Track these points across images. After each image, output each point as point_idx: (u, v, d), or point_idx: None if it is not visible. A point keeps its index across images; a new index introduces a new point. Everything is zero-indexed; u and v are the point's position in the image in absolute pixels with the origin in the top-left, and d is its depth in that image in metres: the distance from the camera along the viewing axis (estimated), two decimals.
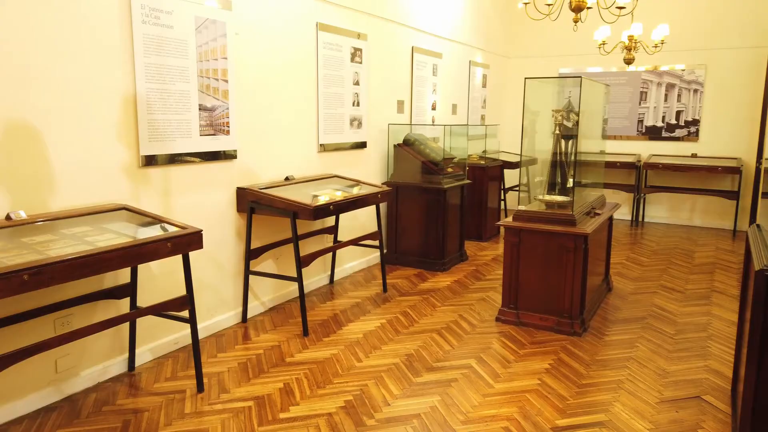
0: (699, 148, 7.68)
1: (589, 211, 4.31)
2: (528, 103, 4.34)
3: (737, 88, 7.37)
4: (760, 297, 2.19)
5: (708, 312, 4.34)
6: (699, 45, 7.50)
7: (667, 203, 7.99)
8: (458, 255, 5.82)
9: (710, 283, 5.12)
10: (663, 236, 7.14)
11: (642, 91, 7.92)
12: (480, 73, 7.93)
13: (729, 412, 2.86)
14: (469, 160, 6.68)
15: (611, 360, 3.47)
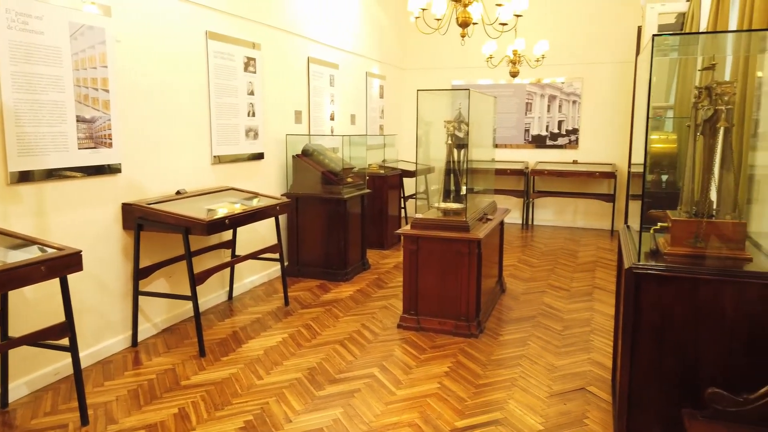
0: (579, 155, 8.29)
1: (481, 217, 4.51)
2: (421, 114, 4.47)
3: (610, 100, 8.05)
4: (630, 292, 2.39)
5: (591, 308, 4.67)
6: (576, 60, 8.12)
7: (553, 207, 8.54)
8: (361, 264, 5.86)
9: (592, 280, 5.52)
10: (550, 238, 7.62)
11: (527, 102, 8.44)
12: (377, 84, 8.06)
13: (610, 401, 3.09)
14: (369, 170, 6.76)
15: (506, 359, 3.64)
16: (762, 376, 2.18)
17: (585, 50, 8.07)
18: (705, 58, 3.30)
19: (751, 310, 2.24)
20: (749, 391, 2.09)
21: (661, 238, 2.73)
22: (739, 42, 3.17)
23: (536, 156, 8.52)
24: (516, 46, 6.57)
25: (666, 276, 2.34)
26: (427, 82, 8.89)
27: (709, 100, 2.55)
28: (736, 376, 2.27)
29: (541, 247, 7.02)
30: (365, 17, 7.53)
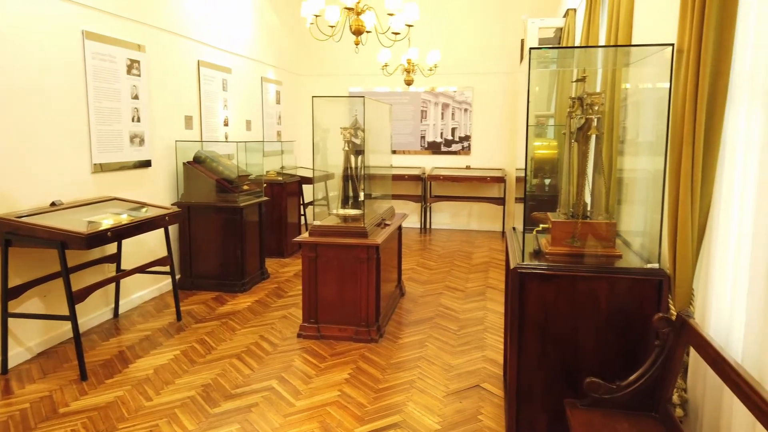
0: (472, 160, 8.65)
1: (380, 222, 4.56)
2: (318, 120, 4.45)
3: (498, 108, 8.48)
4: (516, 291, 2.51)
5: (484, 307, 4.87)
6: (467, 70, 8.47)
7: (449, 210, 8.83)
8: (259, 274, 5.71)
9: (485, 280, 5.76)
10: (447, 241, 7.87)
11: (422, 110, 8.68)
12: (273, 89, 7.93)
13: (502, 395, 3.23)
14: (267, 177, 6.62)
15: (405, 362, 3.70)
16: (633, 364, 2.37)
17: (475, 61, 8.44)
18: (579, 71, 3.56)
19: (622, 303, 2.44)
20: (622, 379, 2.27)
21: (543, 238, 2.90)
22: (607, 56, 3.45)
23: (432, 162, 8.77)
24: (410, 56, 6.73)
25: (547, 274, 2.48)
26: (324, 88, 8.88)
27: (581, 110, 2.75)
28: (611, 365, 2.45)
29: (438, 250, 7.22)
30: (258, 21, 7.38)
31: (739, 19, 1.99)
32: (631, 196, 3.21)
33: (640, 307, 2.42)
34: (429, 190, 8.59)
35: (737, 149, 2.01)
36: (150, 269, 4.24)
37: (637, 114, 3.18)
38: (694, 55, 2.09)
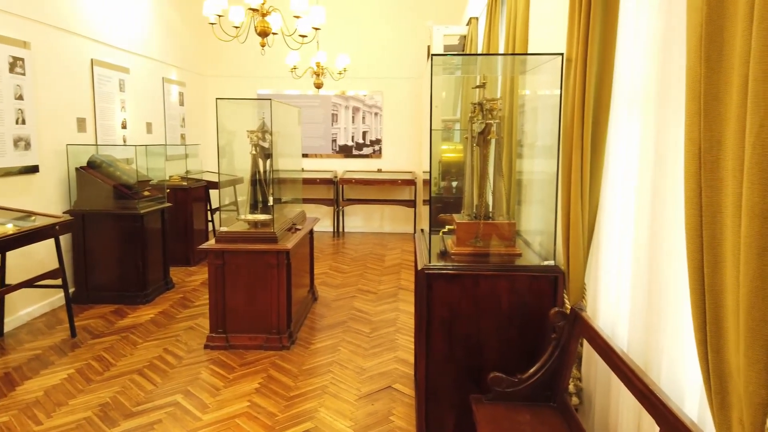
0: (383, 163, 8.75)
1: (290, 227, 4.49)
2: (223, 123, 4.31)
3: (407, 112, 8.64)
4: (423, 291, 2.56)
5: (396, 308, 4.94)
6: (376, 74, 8.56)
7: (362, 213, 8.88)
8: (163, 284, 5.45)
9: (397, 281, 5.84)
10: (360, 244, 7.90)
11: (333, 113, 8.67)
12: (176, 90, 7.61)
13: (413, 395, 3.28)
14: (170, 182, 6.34)
15: (317, 367, 3.66)
16: (533, 357, 2.49)
17: (384, 66, 8.55)
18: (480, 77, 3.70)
19: (522, 300, 2.55)
20: (523, 372, 2.37)
21: (449, 239, 2.98)
22: (506, 64, 3.61)
23: (344, 165, 8.78)
24: (319, 59, 6.70)
25: (452, 275, 2.55)
26: (231, 90, 8.64)
27: (481, 115, 2.86)
28: (513, 360, 2.56)
29: (351, 253, 7.23)
30: (158, 19, 7.06)
31: (619, 33, 2.14)
32: (530, 197, 3.37)
33: (538, 303, 2.54)
34: (341, 194, 8.59)
35: (619, 152, 2.17)
36: (39, 283, 3.93)
37: (534, 119, 3.34)
38: (581, 64, 2.22)
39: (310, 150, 8.70)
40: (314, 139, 8.71)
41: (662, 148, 1.78)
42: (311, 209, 8.06)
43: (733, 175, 1.18)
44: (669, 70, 1.74)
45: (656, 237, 1.79)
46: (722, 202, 1.23)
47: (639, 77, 1.99)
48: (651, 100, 1.87)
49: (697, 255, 1.30)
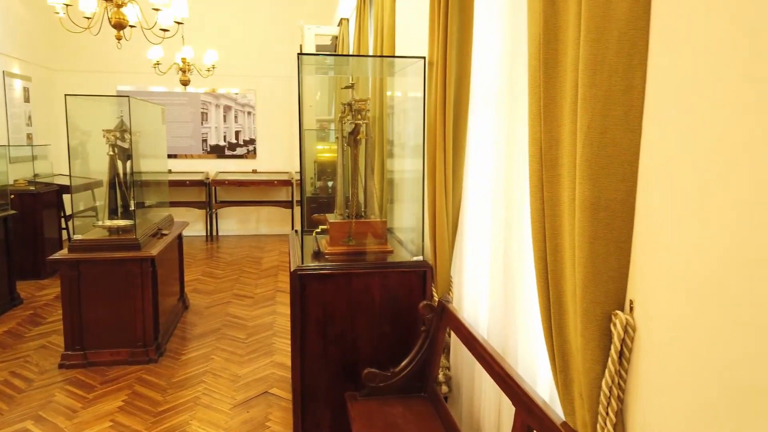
0: (258, 164, 8.54)
1: (156, 233, 4.23)
2: (75, 121, 3.96)
3: (281, 111, 8.50)
4: (296, 292, 2.53)
5: (273, 311, 4.84)
6: (248, 72, 8.33)
7: (237, 216, 8.60)
8: (9, 300, 4.88)
9: (275, 284, 5.73)
10: (235, 247, 7.65)
11: (203, 112, 8.30)
12: (19, 86, 6.85)
13: (291, 398, 3.23)
14: (15, 187, 5.69)
15: (188, 378, 3.48)
16: (406, 351, 2.55)
17: (257, 64, 8.34)
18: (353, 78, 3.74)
19: (394, 295, 2.62)
20: (396, 365, 2.43)
21: (323, 239, 2.98)
22: (375, 65, 3.68)
23: (217, 166, 8.45)
24: (184, 54, 6.38)
25: (325, 274, 2.55)
26: (87, 86, 7.94)
27: (351, 115, 2.88)
28: (387, 354, 2.61)
29: (226, 258, 6.98)
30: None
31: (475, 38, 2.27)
32: (401, 195, 3.47)
33: (409, 297, 2.62)
34: (214, 196, 8.25)
35: (478, 151, 2.29)
36: None
37: (403, 120, 3.44)
38: (441, 67, 2.32)
39: (178, 150, 8.26)
40: (183, 139, 8.28)
41: (513, 147, 1.91)
42: (181, 213, 7.66)
43: (568, 171, 1.29)
44: (517, 74, 1.88)
45: (509, 230, 1.92)
46: (560, 196, 1.34)
47: (493, 80, 2.12)
48: (503, 102, 2.00)
49: (541, 245, 1.41)
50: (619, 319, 1.17)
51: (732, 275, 0.90)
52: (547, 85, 1.37)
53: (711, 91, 0.95)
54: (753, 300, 0.86)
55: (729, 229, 0.91)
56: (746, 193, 0.87)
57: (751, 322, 0.87)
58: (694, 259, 1.00)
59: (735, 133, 0.90)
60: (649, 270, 1.12)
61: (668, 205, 1.06)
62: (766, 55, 0.83)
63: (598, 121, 1.16)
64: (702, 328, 0.98)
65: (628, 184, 1.17)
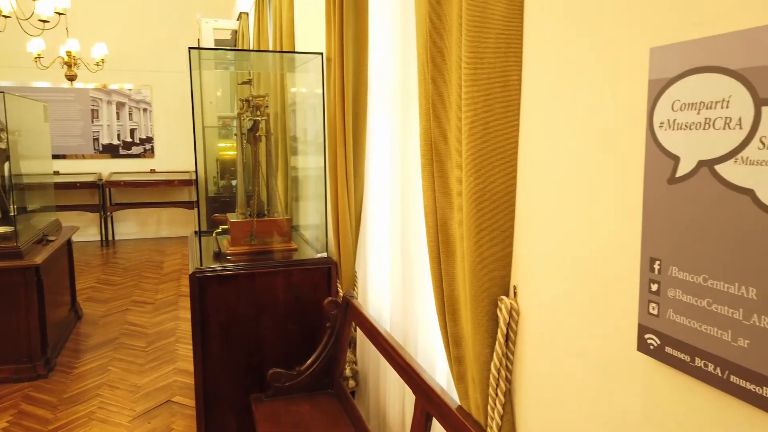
0: (156, 163, 8.13)
1: (40, 239, 3.92)
2: None
3: (181, 108, 8.14)
4: (196, 295, 2.45)
5: (176, 317, 4.64)
6: (143, 67, 7.91)
7: (135, 219, 8.15)
8: None
9: (178, 288, 5.50)
10: (134, 252, 7.26)
11: (93, 109, 7.78)
12: None
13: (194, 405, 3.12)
14: None
15: (82, 393, 3.27)
16: (312, 348, 2.54)
17: (152, 58, 7.93)
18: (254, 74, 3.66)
19: (299, 293, 2.60)
20: (302, 364, 2.41)
21: (224, 239, 2.90)
22: (275, 61, 3.62)
23: (111, 166, 7.96)
24: (69, 47, 5.94)
25: (227, 275, 2.48)
26: None
27: (250, 111, 2.82)
28: (294, 353, 2.59)
29: (123, 263, 6.60)
30: None
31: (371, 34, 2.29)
32: (306, 192, 3.45)
33: (314, 295, 2.61)
34: (109, 198, 7.77)
35: (377, 147, 2.32)
36: None
37: (305, 116, 3.42)
38: (338, 63, 2.33)
39: (67, 150, 7.69)
40: (72, 138, 7.72)
41: (409, 143, 1.96)
42: (71, 217, 7.14)
43: (456, 165, 1.34)
44: (411, 71, 1.92)
45: (407, 224, 1.96)
46: (450, 189, 1.39)
47: (389, 77, 2.15)
48: (398, 98, 2.04)
49: (434, 236, 1.45)
50: (504, 304, 1.23)
51: (593, 258, 0.98)
52: (434, 82, 1.41)
53: (574, 89, 1.02)
54: (609, 279, 0.94)
55: (591, 218, 0.99)
56: (605, 185, 0.95)
57: (608, 297, 0.94)
58: (562, 244, 1.07)
59: (595, 129, 0.98)
60: (529, 256, 1.19)
61: (542, 196, 1.14)
62: (619, 58, 0.91)
63: (480, 116, 1.21)
64: (570, 307, 1.05)
65: (509, 177, 1.24)
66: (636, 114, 0.87)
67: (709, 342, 0.72)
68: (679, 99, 0.74)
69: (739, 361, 0.68)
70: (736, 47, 0.66)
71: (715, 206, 0.69)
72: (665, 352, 0.79)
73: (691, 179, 0.73)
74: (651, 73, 0.79)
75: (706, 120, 0.70)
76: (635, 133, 0.87)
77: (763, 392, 0.65)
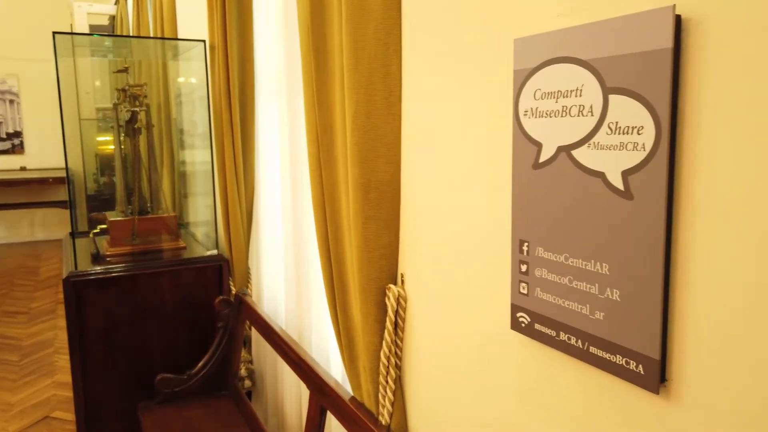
0: (27, 160, 7.42)
1: None
2: None
3: (52, 100, 7.48)
4: (71, 301, 2.26)
5: (55, 326, 4.27)
6: (8, 54, 7.16)
7: (3, 221, 7.40)
8: None
9: (56, 295, 5.06)
10: (4, 257, 6.59)
11: None
12: None
13: None
14: None
15: None
16: (203, 350, 2.44)
17: (18, 45, 7.21)
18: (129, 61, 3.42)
19: (188, 294, 2.48)
20: (193, 368, 2.31)
21: (104, 240, 2.70)
22: (156, 48, 3.42)
23: None
24: None
25: (106, 279, 2.31)
26: None
27: (128, 102, 2.64)
28: (185, 357, 2.47)
29: None
30: None
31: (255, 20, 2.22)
32: (194, 187, 3.30)
33: (205, 294, 2.50)
34: None
35: (267, 138, 2.26)
36: None
37: (192, 107, 3.26)
38: (222, 51, 2.24)
39: None
40: None
41: (298, 132, 1.92)
42: None
43: (342, 154, 1.33)
44: (297, 59, 1.88)
45: (299, 216, 1.93)
46: (337, 180, 1.38)
47: (275, 65, 2.10)
48: (286, 87, 1.99)
49: (323, 228, 1.44)
50: (392, 292, 1.24)
51: (471, 243, 1.01)
52: (318, 71, 1.39)
53: (450, 79, 1.05)
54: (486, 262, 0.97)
55: (468, 205, 1.02)
56: (480, 172, 0.98)
57: (485, 280, 0.98)
58: (444, 231, 1.10)
59: (470, 118, 1.00)
60: (415, 244, 1.21)
61: (423, 185, 1.16)
62: (489, 49, 0.94)
63: (363, 106, 1.21)
64: (453, 292, 1.08)
65: (393, 166, 1.24)
66: (505, 102, 0.90)
67: (571, 317, 0.76)
68: (540, 88, 0.78)
69: (596, 332, 0.73)
70: (586, 39, 0.70)
71: (573, 189, 0.74)
72: (535, 328, 0.83)
73: (552, 164, 0.77)
74: (515, 63, 0.82)
75: (563, 108, 0.74)
76: (505, 121, 0.91)
77: (617, 360, 0.70)
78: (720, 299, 0.62)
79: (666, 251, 0.64)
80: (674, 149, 0.64)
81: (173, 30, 3.28)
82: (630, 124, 0.66)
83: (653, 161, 0.64)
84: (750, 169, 0.58)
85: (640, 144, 0.65)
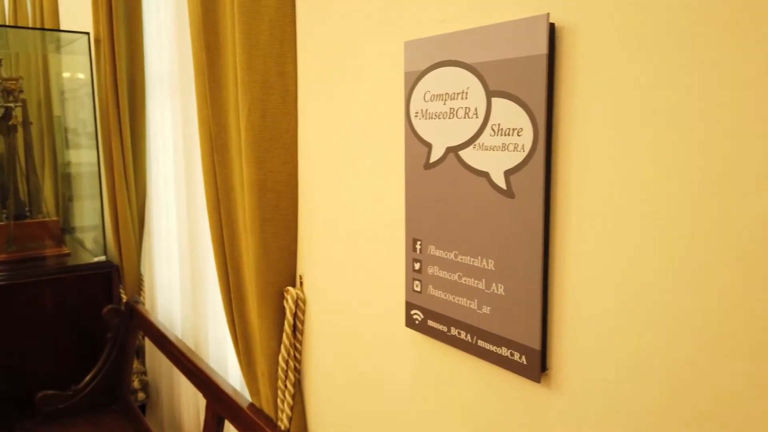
0: None
1: None
2: None
3: None
4: None
5: None
6: None
7: None
8: None
9: None
10: None
11: None
12: None
13: None
14: None
15: None
16: (92, 363, 2.28)
17: None
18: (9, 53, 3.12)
19: (73, 303, 2.30)
20: (79, 382, 2.15)
21: None
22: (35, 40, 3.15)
23: None
24: None
25: None
26: None
27: (2, 97, 2.42)
28: (71, 371, 2.29)
29: None
30: None
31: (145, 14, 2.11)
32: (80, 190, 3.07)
33: (92, 304, 2.34)
34: None
35: (159, 138, 2.15)
36: None
37: (78, 104, 3.03)
38: (108, 44, 2.10)
39: None
40: None
41: (192, 131, 1.84)
42: None
43: (237, 154, 1.29)
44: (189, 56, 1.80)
45: (194, 219, 1.85)
46: (233, 181, 1.34)
47: (167, 62, 2.00)
48: (178, 83, 1.90)
49: (218, 231, 1.39)
50: (290, 294, 1.22)
51: (368, 242, 1.02)
52: (211, 68, 1.34)
53: (346, 80, 1.05)
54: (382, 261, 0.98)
55: (365, 205, 1.02)
56: (375, 172, 0.99)
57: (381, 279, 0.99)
58: (342, 231, 1.09)
59: (365, 118, 1.01)
60: (314, 245, 1.20)
61: (320, 185, 1.15)
62: (382, 50, 0.95)
63: (258, 104, 1.18)
64: (351, 292, 1.08)
65: (290, 166, 1.22)
66: (398, 104, 0.92)
67: (460, 312, 0.79)
68: (430, 90, 0.80)
69: (484, 326, 0.75)
70: (470, 43, 0.73)
71: (461, 188, 0.76)
72: (428, 325, 0.85)
73: (441, 164, 0.79)
74: (406, 66, 0.84)
75: (451, 110, 0.76)
76: (398, 121, 0.92)
77: (502, 351, 0.73)
78: (593, 292, 0.66)
79: (544, 247, 0.68)
80: (550, 150, 0.68)
81: (55, 21, 3.04)
82: (511, 126, 0.69)
83: (532, 162, 0.67)
84: (616, 168, 0.62)
85: (520, 145, 0.68)
